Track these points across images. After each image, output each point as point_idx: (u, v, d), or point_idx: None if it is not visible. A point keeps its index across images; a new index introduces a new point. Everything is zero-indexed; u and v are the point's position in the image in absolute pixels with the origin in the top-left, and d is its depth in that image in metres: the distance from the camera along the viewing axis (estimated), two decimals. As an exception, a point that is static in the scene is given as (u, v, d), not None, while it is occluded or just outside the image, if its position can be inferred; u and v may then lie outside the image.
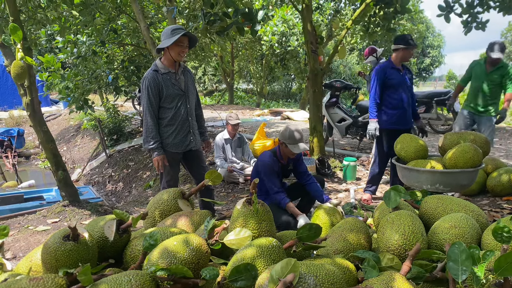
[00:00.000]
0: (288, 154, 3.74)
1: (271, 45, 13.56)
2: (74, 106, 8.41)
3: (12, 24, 2.98)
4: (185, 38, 3.42)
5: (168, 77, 3.50)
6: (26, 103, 4.04)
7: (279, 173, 3.81)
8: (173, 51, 3.42)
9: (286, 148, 3.68)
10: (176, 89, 3.53)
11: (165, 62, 3.51)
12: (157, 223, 2.40)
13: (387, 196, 2.53)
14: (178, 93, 3.54)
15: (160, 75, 3.47)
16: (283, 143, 3.69)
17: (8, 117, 16.00)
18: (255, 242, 1.82)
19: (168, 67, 3.51)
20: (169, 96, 3.50)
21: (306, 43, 6.36)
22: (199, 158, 3.84)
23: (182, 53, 3.45)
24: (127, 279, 1.56)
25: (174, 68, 3.54)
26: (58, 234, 1.81)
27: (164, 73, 3.49)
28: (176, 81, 3.54)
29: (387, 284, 1.71)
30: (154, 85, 3.42)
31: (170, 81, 3.50)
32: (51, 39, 10.32)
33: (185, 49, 3.45)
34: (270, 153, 3.79)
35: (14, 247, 3.49)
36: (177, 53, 3.42)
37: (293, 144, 3.63)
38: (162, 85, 3.46)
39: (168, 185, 3.66)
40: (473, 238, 2.20)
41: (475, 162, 3.50)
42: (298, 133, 3.65)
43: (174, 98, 3.53)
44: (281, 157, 3.80)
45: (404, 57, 4.53)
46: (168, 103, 3.52)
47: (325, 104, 7.56)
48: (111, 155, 10.10)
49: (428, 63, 24.90)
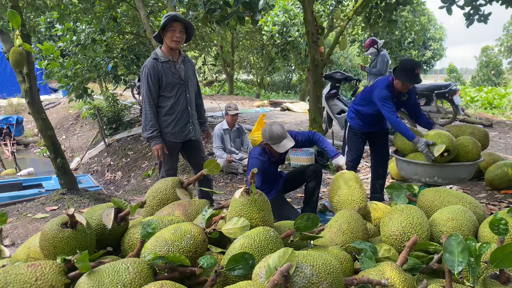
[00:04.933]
0: (276, 154, 3.61)
1: (272, 36, 13.49)
2: (74, 94, 8.38)
3: (10, 10, 2.95)
4: (177, 24, 3.34)
5: (168, 66, 3.47)
6: (24, 90, 4.03)
7: (270, 169, 3.70)
8: (167, 38, 3.38)
9: (272, 149, 3.54)
10: (176, 78, 3.50)
11: (164, 50, 3.48)
12: (155, 212, 2.40)
13: (396, 196, 2.57)
14: (177, 82, 3.52)
15: (160, 63, 3.44)
16: (267, 143, 3.54)
17: (7, 104, 15.95)
18: (253, 231, 1.83)
19: (168, 56, 3.47)
20: (169, 85, 3.48)
21: (307, 33, 6.32)
22: (198, 148, 3.83)
23: (176, 40, 3.37)
24: (124, 267, 1.57)
25: (174, 56, 3.51)
26: (56, 221, 1.81)
27: (164, 61, 3.45)
28: (176, 70, 3.51)
29: (383, 274, 1.72)
30: (153, 73, 3.40)
31: (170, 69, 3.47)
32: (50, 27, 10.26)
33: (179, 35, 3.36)
34: (260, 150, 3.65)
35: (13, 234, 3.50)
36: (170, 39, 3.37)
37: (277, 143, 3.47)
38: (162, 74, 3.43)
39: (167, 174, 3.65)
40: (470, 230, 2.21)
41: (474, 155, 3.51)
42: (279, 131, 3.45)
43: (174, 87, 3.50)
44: (271, 155, 3.65)
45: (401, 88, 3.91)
46: (167, 92, 3.50)
47: (325, 95, 7.52)
48: (110, 144, 10.09)
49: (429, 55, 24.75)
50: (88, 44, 8.22)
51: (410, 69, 3.76)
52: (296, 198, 4.90)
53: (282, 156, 3.80)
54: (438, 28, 25.85)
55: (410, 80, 3.77)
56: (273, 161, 3.73)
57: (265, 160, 3.61)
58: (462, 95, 13.77)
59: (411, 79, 3.77)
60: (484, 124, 9.27)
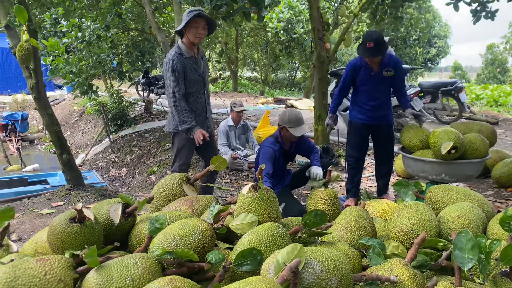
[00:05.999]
0: (291, 138, 3.64)
1: (277, 32, 13.45)
2: (78, 91, 8.39)
3: (17, 5, 2.95)
4: (201, 20, 3.38)
5: (191, 62, 3.51)
6: (31, 85, 4.03)
7: (280, 159, 3.74)
8: (190, 33, 3.41)
9: (287, 132, 3.57)
10: (197, 75, 3.54)
11: (186, 44, 3.50)
12: (162, 208, 2.40)
13: (404, 193, 2.56)
14: (198, 79, 3.56)
15: (185, 58, 3.47)
16: (284, 127, 3.58)
17: (12, 101, 15.98)
18: (261, 227, 1.82)
19: (190, 51, 3.51)
20: (191, 81, 3.51)
21: (313, 30, 6.29)
22: (213, 145, 3.88)
23: (199, 35, 3.41)
24: (133, 262, 1.56)
25: (194, 52, 3.55)
26: (64, 216, 1.81)
27: (188, 57, 3.49)
28: (197, 66, 3.56)
29: (392, 271, 1.71)
30: (181, 68, 3.43)
31: (192, 66, 3.51)
32: (56, 23, 10.26)
33: (202, 31, 3.41)
34: (273, 139, 3.70)
35: (20, 229, 3.51)
36: (194, 35, 3.40)
37: (294, 127, 3.53)
38: (187, 69, 3.47)
39: (179, 169, 3.68)
40: (479, 228, 2.20)
41: (481, 152, 3.49)
42: (298, 116, 3.57)
43: (195, 83, 3.54)
44: (283, 142, 3.71)
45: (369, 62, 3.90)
46: (189, 88, 3.52)
47: (331, 92, 7.50)
48: (115, 141, 10.11)
49: (434, 53, 24.65)
50: (93, 40, 8.22)
51: (363, 42, 3.77)
52: (302, 195, 4.89)
53: (293, 148, 3.81)
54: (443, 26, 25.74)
55: (361, 53, 3.79)
56: (284, 151, 3.75)
57: (277, 149, 3.65)
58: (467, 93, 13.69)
59: (362, 53, 3.77)
60: (490, 121, 9.21)
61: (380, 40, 3.68)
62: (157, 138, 9.06)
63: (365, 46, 3.70)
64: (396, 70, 3.91)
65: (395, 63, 3.91)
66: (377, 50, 3.68)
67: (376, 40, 3.65)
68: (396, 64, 3.91)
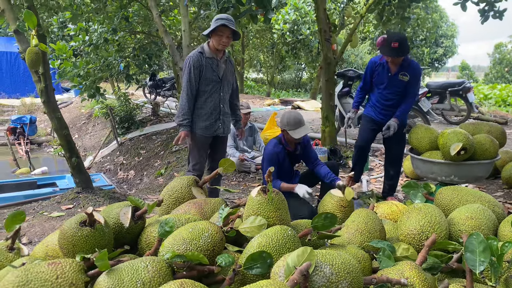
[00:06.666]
0: (293, 140, 3.64)
1: (283, 34, 13.45)
2: (86, 94, 8.45)
3: (26, 10, 2.98)
4: (226, 30, 3.47)
5: (210, 62, 3.63)
6: (40, 89, 4.06)
7: (285, 161, 3.74)
8: (215, 39, 3.53)
9: (288, 135, 3.58)
10: (214, 75, 3.65)
11: (211, 47, 3.63)
12: (171, 211, 2.40)
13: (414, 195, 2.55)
14: (214, 79, 3.66)
15: (204, 58, 3.60)
16: (284, 130, 3.61)
17: (20, 104, 16.12)
18: (270, 230, 1.82)
19: (212, 53, 3.63)
20: (206, 80, 3.63)
21: (320, 31, 6.29)
22: (224, 146, 4.00)
23: (223, 43, 3.53)
24: (143, 265, 1.57)
25: (218, 55, 3.66)
26: (74, 219, 1.82)
27: (208, 57, 3.62)
28: (216, 67, 3.66)
29: (402, 274, 1.70)
30: (197, 65, 3.57)
31: (211, 66, 3.63)
32: (63, 27, 10.35)
33: (225, 40, 3.52)
34: (276, 140, 3.72)
35: (30, 232, 3.54)
36: (217, 42, 3.53)
37: (293, 129, 3.53)
38: (204, 67, 3.60)
39: (193, 169, 3.79)
40: (489, 229, 2.18)
41: (491, 153, 3.46)
42: (297, 117, 3.55)
43: (210, 82, 3.65)
44: (287, 144, 3.71)
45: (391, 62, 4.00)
46: (203, 86, 3.65)
47: (338, 93, 7.48)
48: (122, 143, 10.16)
49: (441, 53, 24.49)
50: (100, 43, 8.28)
51: (387, 42, 3.77)
52: (309, 196, 4.87)
53: (298, 150, 3.80)
54: (450, 25, 25.58)
55: (385, 53, 3.80)
56: (289, 152, 3.74)
57: (280, 151, 3.66)
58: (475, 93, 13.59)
59: (387, 52, 3.78)
60: (499, 122, 9.14)
61: (404, 40, 3.72)
62: (165, 140, 9.09)
63: (390, 46, 3.73)
64: (412, 76, 3.92)
65: (413, 69, 3.93)
66: (402, 50, 3.73)
67: (401, 40, 3.69)
68: (414, 71, 3.92)
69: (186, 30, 5.69)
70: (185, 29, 5.68)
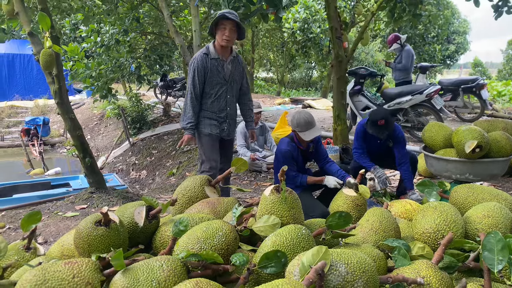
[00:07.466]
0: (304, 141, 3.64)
1: (293, 32, 13.43)
2: (98, 94, 8.53)
3: (40, 13, 3.01)
4: (228, 22, 3.38)
5: (216, 64, 3.55)
6: (54, 91, 4.11)
7: (298, 159, 3.73)
8: (218, 35, 3.45)
9: (299, 136, 3.58)
10: (220, 78, 3.58)
11: (217, 47, 3.55)
12: (185, 210, 2.41)
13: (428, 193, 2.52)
14: (220, 82, 3.59)
15: (209, 59, 3.52)
16: (295, 131, 3.60)
17: (33, 106, 16.34)
18: (284, 229, 1.81)
19: (218, 53, 3.54)
20: (212, 82, 3.57)
21: (331, 29, 6.25)
22: (229, 149, 3.94)
23: (226, 38, 3.42)
24: (159, 264, 1.58)
25: (224, 55, 3.57)
26: (89, 219, 1.84)
27: (213, 58, 3.53)
28: (222, 69, 3.58)
29: (418, 273, 1.68)
30: (202, 67, 3.50)
31: (216, 67, 3.55)
32: (75, 28, 10.46)
33: (229, 34, 3.41)
34: (288, 139, 3.70)
35: (45, 232, 3.58)
36: (221, 37, 3.43)
37: (304, 131, 3.49)
38: (209, 70, 3.53)
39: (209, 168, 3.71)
40: (507, 228, 2.14)
41: (507, 151, 3.41)
42: (308, 119, 3.50)
43: (216, 85, 3.59)
44: (299, 143, 3.69)
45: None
46: (209, 88, 3.59)
47: (349, 91, 7.43)
48: (135, 143, 10.23)
49: (453, 50, 24.18)
50: (112, 45, 8.35)
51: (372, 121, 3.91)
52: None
53: (311, 148, 3.79)
54: (462, 22, 25.27)
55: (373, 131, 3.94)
56: (301, 151, 3.73)
57: (293, 149, 3.64)
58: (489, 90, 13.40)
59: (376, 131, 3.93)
60: (513, 118, 9.01)
61: (388, 116, 3.90)
62: (176, 140, 9.13)
63: (377, 124, 3.87)
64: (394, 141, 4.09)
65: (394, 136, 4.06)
66: (386, 126, 3.88)
67: (386, 117, 3.85)
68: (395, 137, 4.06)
69: (196, 30, 5.70)
70: (196, 29, 5.70)
